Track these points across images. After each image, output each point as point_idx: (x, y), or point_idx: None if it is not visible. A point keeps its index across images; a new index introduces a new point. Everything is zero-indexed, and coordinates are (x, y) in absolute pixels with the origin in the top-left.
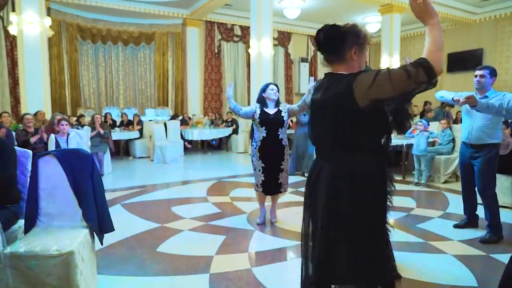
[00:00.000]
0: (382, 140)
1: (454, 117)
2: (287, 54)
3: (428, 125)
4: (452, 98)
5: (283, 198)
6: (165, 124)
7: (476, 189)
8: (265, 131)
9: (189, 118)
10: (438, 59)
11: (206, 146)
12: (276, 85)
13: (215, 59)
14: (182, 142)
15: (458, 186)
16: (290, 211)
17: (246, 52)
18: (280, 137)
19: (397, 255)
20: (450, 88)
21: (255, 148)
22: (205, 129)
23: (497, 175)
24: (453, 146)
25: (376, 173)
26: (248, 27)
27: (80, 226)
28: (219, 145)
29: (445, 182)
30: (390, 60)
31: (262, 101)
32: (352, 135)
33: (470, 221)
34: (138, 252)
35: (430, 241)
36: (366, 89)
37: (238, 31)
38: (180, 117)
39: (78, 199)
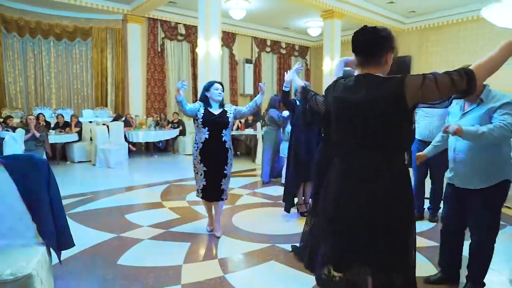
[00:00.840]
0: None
1: None
2: (231, 55)
3: None
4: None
5: (243, 200)
6: (107, 126)
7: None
8: (208, 132)
9: (132, 119)
10: (483, 77)
11: (153, 149)
12: (221, 84)
13: (159, 58)
14: (126, 144)
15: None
16: (251, 213)
17: (190, 52)
18: (223, 139)
19: None
20: None
21: (196, 150)
22: (151, 131)
23: None
24: None
25: (407, 174)
26: (193, 26)
27: (35, 244)
28: (166, 147)
29: None
30: (331, 63)
31: (205, 100)
32: (392, 136)
33: (419, 214)
34: (96, 267)
35: None
36: (415, 92)
37: (182, 30)
38: (123, 118)
39: (32, 213)
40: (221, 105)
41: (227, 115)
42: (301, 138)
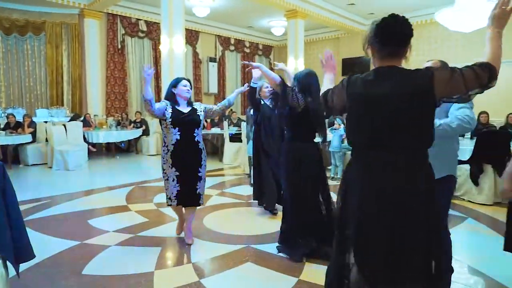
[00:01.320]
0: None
1: None
2: (195, 54)
3: (343, 123)
4: None
5: (213, 200)
6: (64, 126)
7: None
8: (179, 133)
9: (91, 118)
10: (499, 68)
11: (114, 149)
12: (189, 81)
13: (119, 55)
14: (86, 145)
15: None
16: (223, 213)
17: (152, 49)
18: (196, 139)
19: None
20: None
21: (167, 153)
22: (112, 131)
23: None
24: None
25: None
26: (155, 23)
27: None
28: (128, 148)
29: None
30: (296, 62)
31: (171, 99)
32: (420, 131)
33: None
34: (59, 278)
35: None
36: (444, 86)
37: (143, 27)
38: (82, 118)
39: None
40: (189, 103)
41: (198, 114)
42: (267, 138)
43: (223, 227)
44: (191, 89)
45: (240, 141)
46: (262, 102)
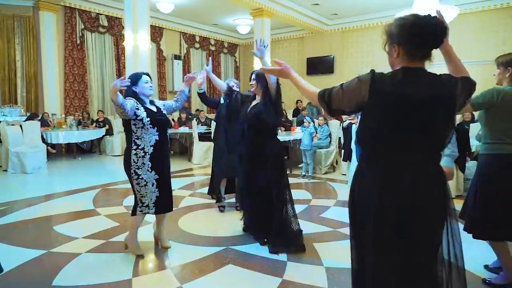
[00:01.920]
0: None
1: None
2: (159, 51)
3: (313, 121)
4: None
5: (185, 202)
6: (20, 126)
7: None
8: (157, 133)
9: (49, 118)
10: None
11: (76, 150)
12: (149, 76)
13: (78, 51)
14: (44, 146)
15: (335, 175)
16: (197, 215)
17: (114, 45)
18: (167, 139)
19: (326, 245)
20: None
21: (143, 156)
22: (73, 131)
23: None
24: (330, 141)
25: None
26: (116, 18)
27: None
28: (91, 148)
29: (325, 173)
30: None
31: (133, 97)
32: (444, 134)
33: None
34: None
35: (337, 228)
36: (460, 94)
37: (104, 22)
38: (39, 117)
39: None
40: (151, 101)
41: (163, 112)
42: (225, 135)
43: (199, 229)
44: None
45: (210, 140)
46: (222, 102)
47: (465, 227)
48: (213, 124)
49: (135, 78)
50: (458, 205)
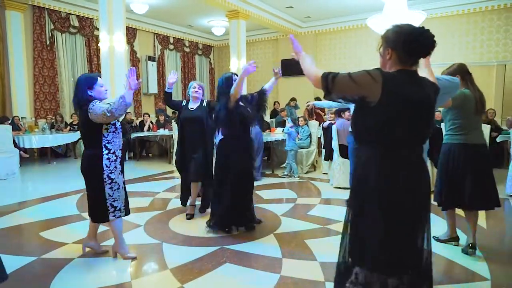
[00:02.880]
0: None
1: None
2: (133, 52)
3: (294, 122)
4: None
5: (173, 204)
6: None
7: None
8: (122, 137)
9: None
10: None
11: (50, 154)
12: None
13: (47, 52)
14: (17, 151)
15: (316, 174)
16: (184, 216)
17: (86, 46)
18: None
19: (317, 241)
20: (285, 90)
21: (115, 160)
22: (47, 135)
23: None
24: (310, 141)
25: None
26: (88, 18)
27: None
28: (66, 152)
29: (307, 172)
30: (238, 63)
31: (89, 101)
32: (428, 133)
33: None
34: None
35: (325, 225)
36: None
37: (75, 22)
38: (9, 121)
39: None
40: None
41: None
42: (190, 139)
43: (190, 230)
44: None
45: None
46: (183, 104)
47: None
48: (175, 126)
49: (91, 81)
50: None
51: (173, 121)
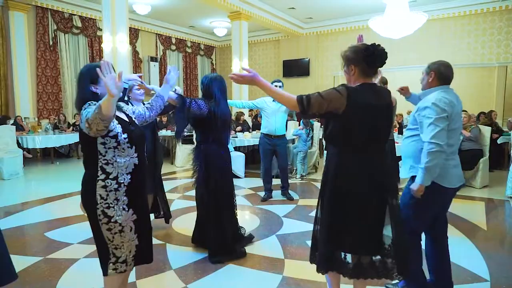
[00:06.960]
0: None
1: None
2: (135, 52)
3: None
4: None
5: (176, 204)
6: None
7: None
8: (136, 155)
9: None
10: None
11: (54, 155)
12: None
13: (50, 52)
14: (21, 151)
15: (318, 176)
16: (190, 217)
17: (88, 47)
18: (146, 159)
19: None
20: (285, 91)
21: (117, 189)
22: (50, 135)
23: None
24: (312, 142)
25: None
26: (90, 19)
27: None
28: (68, 152)
29: (308, 173)
30: (240, 63)
31: (94, 100)
32: (388, 135)
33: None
34: None
35: None
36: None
37: (78, 22)
38: (12, 121)
39: None
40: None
41: (136, 123)
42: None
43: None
44: None
45: (193, 143)
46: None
47: None
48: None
49: (95, 74)
50: None
51: None
